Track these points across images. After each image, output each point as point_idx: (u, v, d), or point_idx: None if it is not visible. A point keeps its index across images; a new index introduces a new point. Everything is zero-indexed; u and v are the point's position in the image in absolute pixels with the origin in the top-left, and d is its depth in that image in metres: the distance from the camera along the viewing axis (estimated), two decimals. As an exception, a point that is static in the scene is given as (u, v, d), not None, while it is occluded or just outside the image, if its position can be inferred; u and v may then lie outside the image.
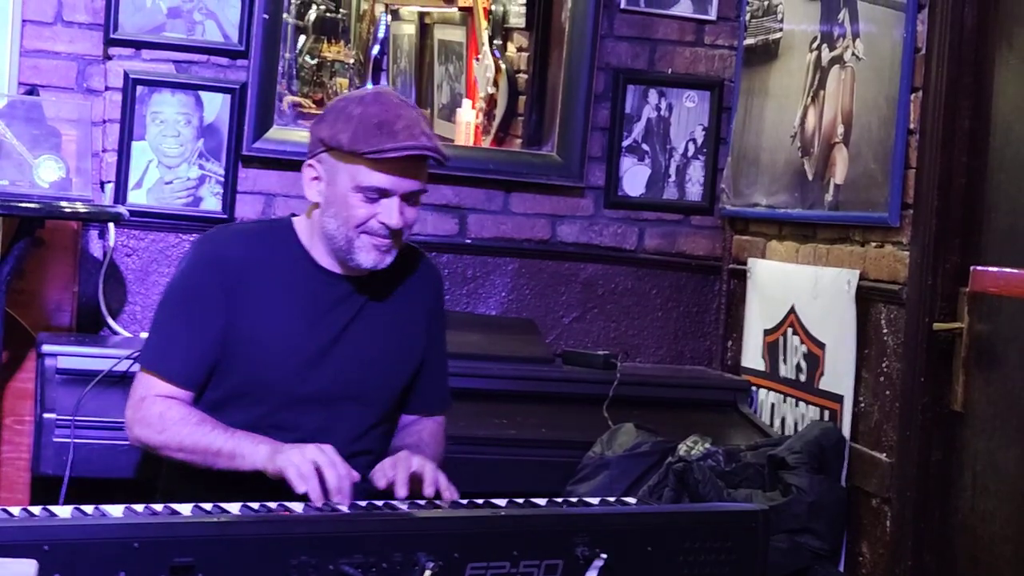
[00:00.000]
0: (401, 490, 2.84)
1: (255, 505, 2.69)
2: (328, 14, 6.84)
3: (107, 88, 4.50)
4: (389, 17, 6.92)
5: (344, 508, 2.74)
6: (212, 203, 4.55)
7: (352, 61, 6.99)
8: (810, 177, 4.30)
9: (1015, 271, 2.61)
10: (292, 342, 3.05)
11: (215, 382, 3.07)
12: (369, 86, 3.15)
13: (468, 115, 5.83)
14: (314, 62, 6.74)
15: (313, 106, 5.57)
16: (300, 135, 4.68)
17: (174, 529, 2.37)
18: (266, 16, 4.55)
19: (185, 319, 3.05)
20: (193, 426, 2.97)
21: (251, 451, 2.89)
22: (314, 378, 3.06)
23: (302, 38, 6.40)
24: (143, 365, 3.09)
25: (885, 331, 3.87)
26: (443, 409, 3.33)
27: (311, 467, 2.78)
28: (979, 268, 2.58)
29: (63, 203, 4.09)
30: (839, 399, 4.04)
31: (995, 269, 2.62)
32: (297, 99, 5.40)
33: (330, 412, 3.07)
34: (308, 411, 3.06)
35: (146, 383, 3.06)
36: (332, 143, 2.97)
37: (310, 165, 3.04)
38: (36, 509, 2.57)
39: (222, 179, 4.58)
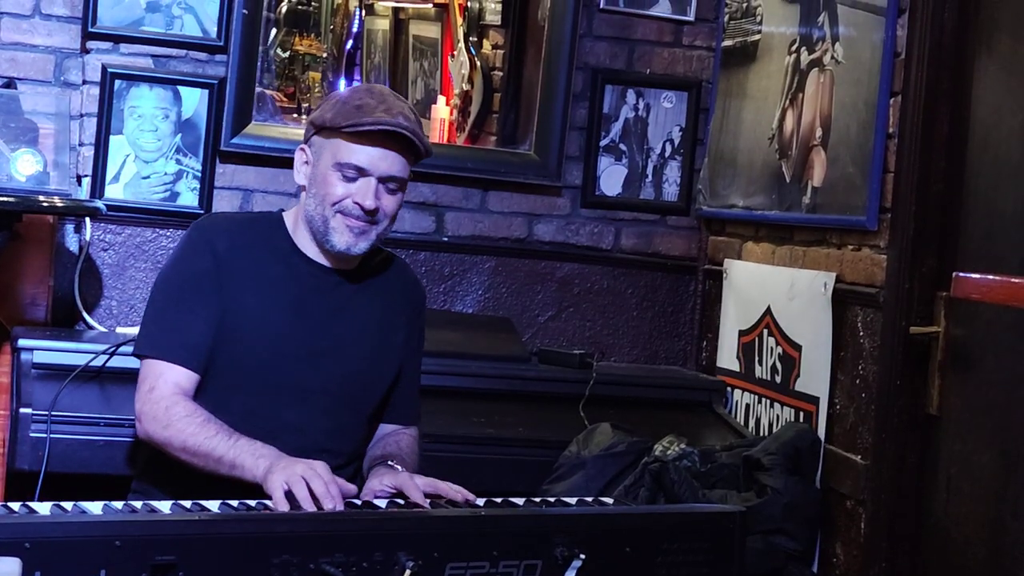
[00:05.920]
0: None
1: (235, 503, 2.69)
2: (300, 7, 6.82)
3: (85, 82, 4.48)
4: (363, 12, 6.91)
5: None
6: (189, 198, 4.54)
7: (325, 55, 6.97)
8: (788, 179, 4.31)
9: (997, 278, 2.62)
10: (273, 329, 3.06)
11: None
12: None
13: (443, 112, 5.83)
14: (286, 55, 6.72)
15: (285, 100, 5.55)
16: (279, 131, 4.68)
17: (156, 527, 2.37)
18: (246, 11, 4.54)
19: (183, 303, 3.05)
20: (197, 426, 2.92)
21: (251, 464, 2.84)
22: (293, 367, 3.06)
23: (273, 31, 6.38)
24: (145, 353, 3.05)
25: (861, 334, 3.88)
26: (415, 420, 3.34)
27: (299, 485, 2.72)
28: (962, 275, 2.59)
29: (40, 197, 4.08)
30: (815, 401, 4.05)
31: (977, 276, 2.63)
32: (268, 92, 5.38)
33: (306, 404, 3.07)
34: (284, 402, 3.05)
35: (153, 371, 3.02)
36: (319, 123, 3.05)
37: (302, 149, 3.12)
38: (15, 505, 2.56)
39: (199, 174, 4.56)
